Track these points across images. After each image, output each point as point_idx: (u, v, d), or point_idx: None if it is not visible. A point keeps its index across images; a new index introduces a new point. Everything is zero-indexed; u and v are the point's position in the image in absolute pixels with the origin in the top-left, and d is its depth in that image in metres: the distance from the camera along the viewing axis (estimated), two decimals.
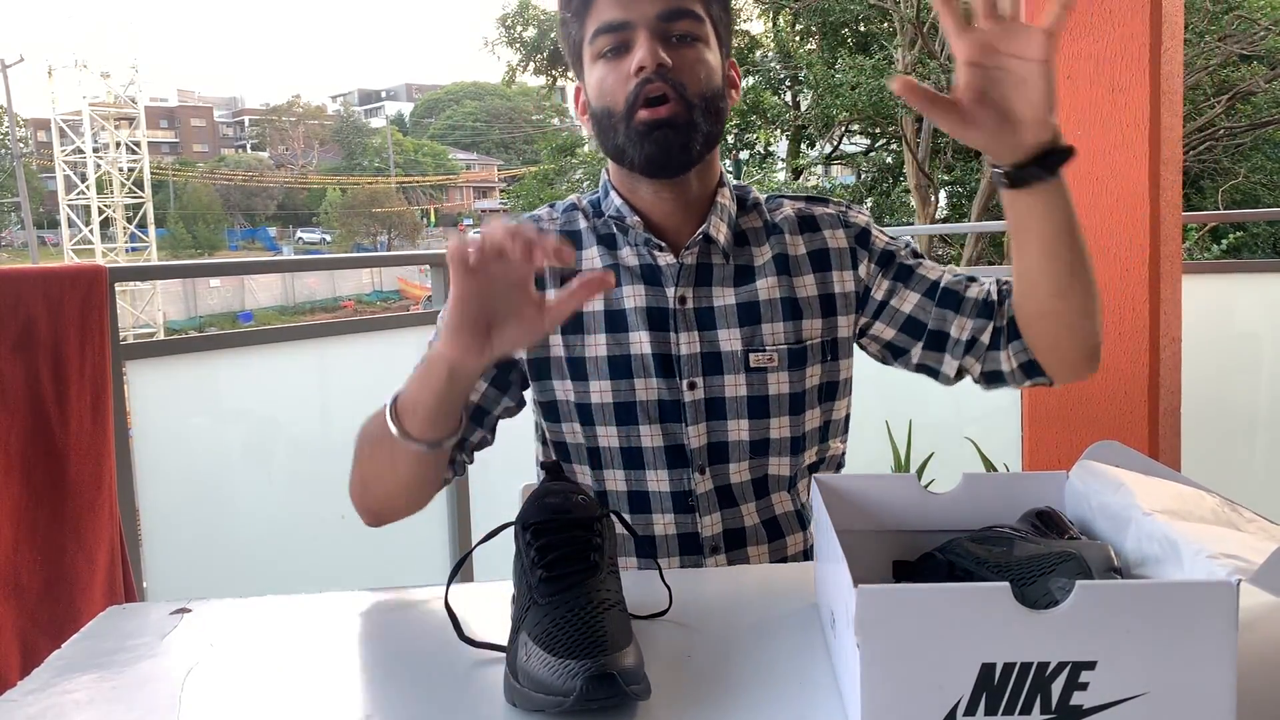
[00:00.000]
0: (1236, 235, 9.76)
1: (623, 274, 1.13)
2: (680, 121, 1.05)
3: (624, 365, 1.11)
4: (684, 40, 1.06)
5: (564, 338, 1.12)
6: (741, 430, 1.11)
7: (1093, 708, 0.61)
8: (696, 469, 1.11)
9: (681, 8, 1.06)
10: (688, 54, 1.06)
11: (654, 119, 1.04)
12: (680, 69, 1.05)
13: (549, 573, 0.77)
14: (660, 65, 1.03)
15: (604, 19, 1.06)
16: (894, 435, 2.92)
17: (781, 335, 1.12)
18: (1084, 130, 2.10)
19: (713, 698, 0.73)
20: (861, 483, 0.90)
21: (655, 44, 1.04)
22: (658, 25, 1.05)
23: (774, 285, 1.13)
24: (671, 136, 1.05)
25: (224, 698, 0.78)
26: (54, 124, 26.33)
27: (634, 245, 1.13)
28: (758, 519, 1.13)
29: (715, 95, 1.08)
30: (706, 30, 1.08)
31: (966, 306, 1.10)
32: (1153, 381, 2.09)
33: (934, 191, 12.58)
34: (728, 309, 1.12)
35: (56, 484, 1.58)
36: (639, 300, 1.11)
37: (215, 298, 31.84)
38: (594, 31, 1.07)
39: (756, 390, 1.11)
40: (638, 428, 1.11)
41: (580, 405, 1.12)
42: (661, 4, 1.05)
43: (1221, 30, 10.07)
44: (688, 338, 1.11)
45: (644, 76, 1.04)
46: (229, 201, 45.30)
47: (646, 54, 1.03)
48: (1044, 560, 0.72)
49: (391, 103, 64.80)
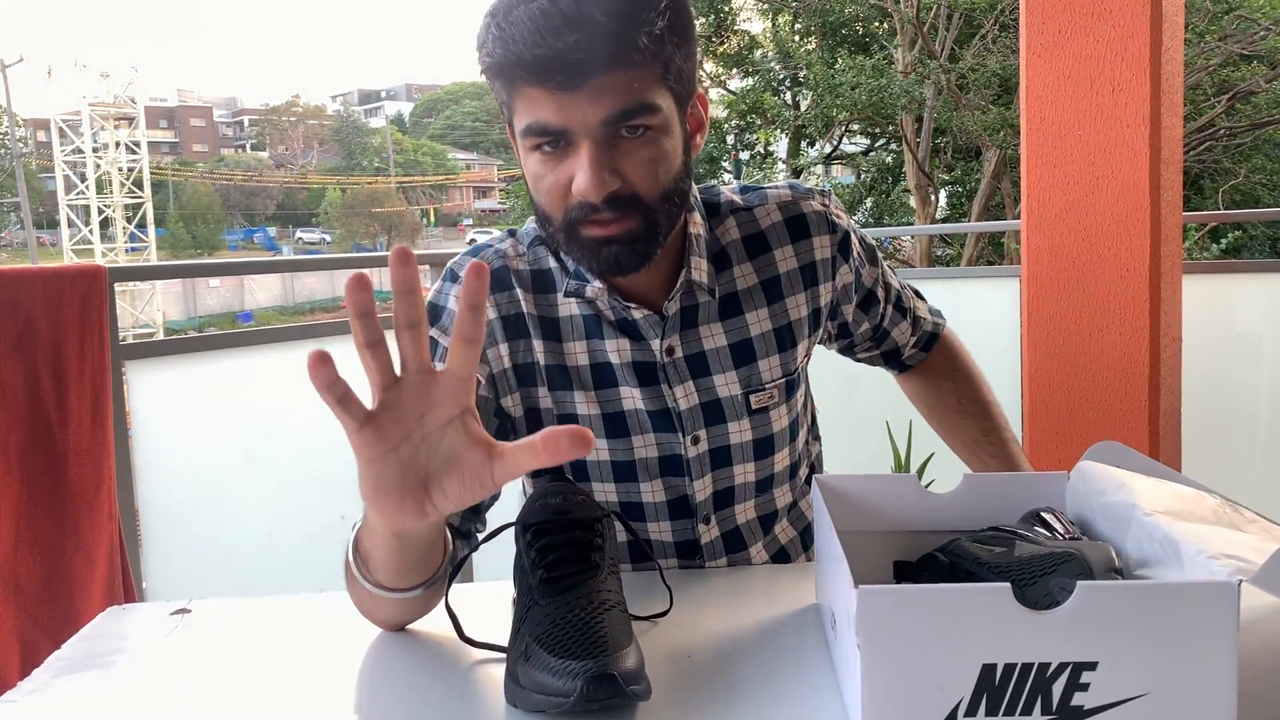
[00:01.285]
0: (1235, 235, 9.76)
1: (603, 326, 1.00)
2: (637, 236, 0.90)
3: (619, 423, 1.02)
4: (635, 132, 0.87)
5: (552, 393, 1.01)
6: (748, 473, 1.07)
7: (1094, 708, 0.61)
8: (701, 519, 1.06)
9: (629, 106, 0.85)
10: (641, 154, 0.88)
11: (605, 236, 0.89)
12: (633, 181, 0.88)
13: (550, 573, 0.77)
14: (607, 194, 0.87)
15: (537, 118, 0.86)
16: (894, 435, 2.92)
17: (779, 369, 1.05)
18: (1084, 130, 2.10)
19: (713, 698, 0.73)
20: (861, 483, 0.90)
21: (600, 166, 0.85)
22: (603, 131, 0.85)
23: (765, 317, 1.04)
24: (624, 251, 0.90)
25: (224, 698, 0.78)
26: (54, 124, 26.34)
27: (602, 298, 1.00)
28: (765, 556, 1.10)
29: (675, 188, 0.92)
30: (663, 115, 0.88)
31: (899, 343, 1.24)
32: (1153, 381, 2.09)
33: (934, 191, 12.58)
34: (720, 351, 1.02)
35: (56, 484, 1.58)
36: (623, 355, 1.00)
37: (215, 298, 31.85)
38: (525, 129, 0.88)
39: (761, 432, 1.06)
40: (637, 484, 1.04)
41: (575, 464, 1.03)
42: (607, 106, 0.84)
43: (1221, 30, 10.07)
44: (683, 390, 1.01)
45: (588, 203, 0.87)
46: (229, 201, 45.32)
47: (588, 184, 0.85)
48: (1045, 561, 0.72)
49: (391, 103, 64.81)
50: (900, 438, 2.91)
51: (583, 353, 1.01)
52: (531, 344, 1.01)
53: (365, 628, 0.90)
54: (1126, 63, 2.04)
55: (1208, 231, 9.66)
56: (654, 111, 0.87)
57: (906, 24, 11.49)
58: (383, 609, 0.86)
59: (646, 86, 0.87)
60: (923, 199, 12.31)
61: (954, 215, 13.17)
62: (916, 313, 1.24)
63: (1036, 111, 2.16)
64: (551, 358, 1.01)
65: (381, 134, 50.56)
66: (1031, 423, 2.26)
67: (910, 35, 11.61)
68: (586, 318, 1.01)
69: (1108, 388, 2.12)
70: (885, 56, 12.30)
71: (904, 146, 12.58)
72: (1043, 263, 2.18)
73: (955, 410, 1.23)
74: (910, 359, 1.26)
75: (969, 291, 3.12)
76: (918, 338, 1.25)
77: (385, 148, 47.82)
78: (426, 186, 46.86)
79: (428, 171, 47.19)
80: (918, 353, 1.26)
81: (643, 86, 0.86)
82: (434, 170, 47.57)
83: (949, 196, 13.46)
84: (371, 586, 0.81)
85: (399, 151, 47.74)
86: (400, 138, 50.30)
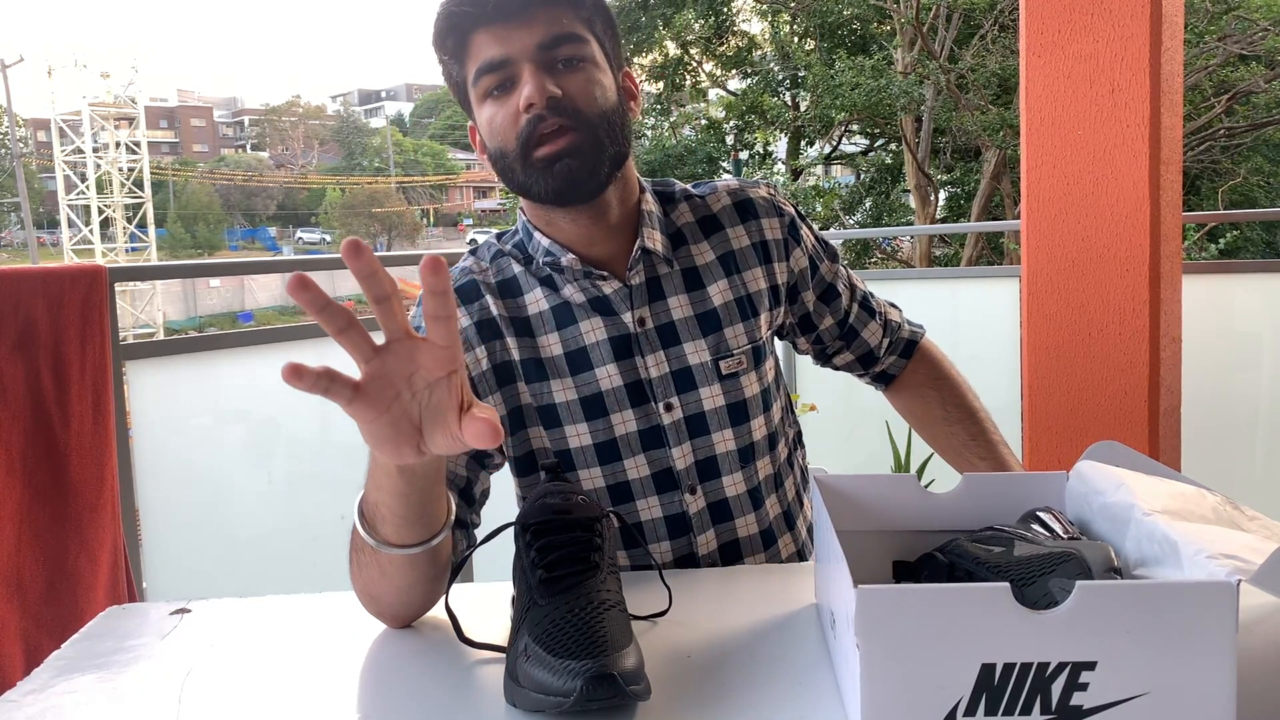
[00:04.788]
0: (1233, 235, 9.76)
1: (575, 311, 1.08)
2: (583, 148, 1.00)
3: (597, 404, 1.07)
4: (570, 65, 1.01)
5: (529, 386, 1.08)
6: (727, 441, 1.10)
7: (1093, 708, 0.61)
8: (686, 489, 1.09)
9: (562, 33, 1.00)
10: (577, 78, 1.01)
11: (554, 152, 0.99)
12: (572, 95, 1.00)
13: (549, 573, 0.77)
14: (550, 98, 0.98)
15: (484, 58, 1.00)
16: (894, 435, 2.92)
17: (744, 336, 1.11)
18: (1084, 130, 2.10)
19: (713, 698, 0.73)
20: (861, 483, 0.90)
21: (541, 77, 0.99)
22: (540, 55, 0.99)
23: (725, 288, 1.11)
24: (575, 166, 1.00)
25: (224, 698, 0.78)
26: (54, 124, 26.34)
27: (575, 281, 1.08)
28: (753, 529, 1.12)
29: (613, 112, 1.03)
30: (592, 50, 1.03)
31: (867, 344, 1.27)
32: (1153, 381, 2.09)
33: (933, 191, 12.58)
34: (688, 320, 1.10)
35: (58, 484, 1.58)
36: (599, 333, 1.07)
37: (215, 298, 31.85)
38: (476, 72, 1.01)
39: (733, 397, 1.10)
40: (621, 463, 1.08)
41: (559, 452, 1.08)
42: (540, 33, 0.99)
43: (1221, 30, 10.07)
44: (654, 359, 1.08)
45: (535, 114, 0.98)
46: (229, 201, 45.31)
47: (533, 90, 0.98)
48: (1044, 560, 0.72)
49: (391, 103, 64.83)
50: (900, 438, 2.91)
51: (556, 343, 1.08)
52: (506, 343, 1.07)
53: (365, 628, 0.90)
54: (1126, 63, 2.04)
55: (1206, 232, 9.66)
56: (583, 42, 1.02)
57: (906, 24, 11.49)
58: (390, 578, 0.85)
59: (575, 21, 1.02)
60: (922, 199, 12.31)
61: (953, 215, 13.17)
62: (888, 316, 1.28)
63: (1036, 111, 2.16)
64: (526, 352, 1.08)
65: (381, 134, 50.55)
66: (1031, 422, 2.26)
67: (910, 35, 11.61)
68: (556, 308, 1.08)
69: (1107, 388, 2.12)
70: (884, 57, 12.30)
71: (903, 147, 12.58)
72: (1043, 263, 2.18)
73: (941, 419, 1.26)
74: (890, 367, 1.29)
75: (969, 291, 3.13)
76: (893, 342, 1.28)
77: (385, 148, 47.82)
78: (426, 186, 46.85)
79: (428, 171, 47.18)
80: (897, 360, 1.29)
81: (571, 23, 1.01)
82: (434, 170, 47.56)
83: (948, 197, 13.46)
84: (378, 544, 0.83)
85: (399, 151, 47.73)
86: (400, 138, 50.28)
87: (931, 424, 1.28)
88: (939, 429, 1.27)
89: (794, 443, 1.23)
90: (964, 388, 1.28)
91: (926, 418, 1.28)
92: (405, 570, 0.85)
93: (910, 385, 1.30)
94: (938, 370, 1.29)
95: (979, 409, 1.26)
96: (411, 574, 0.85)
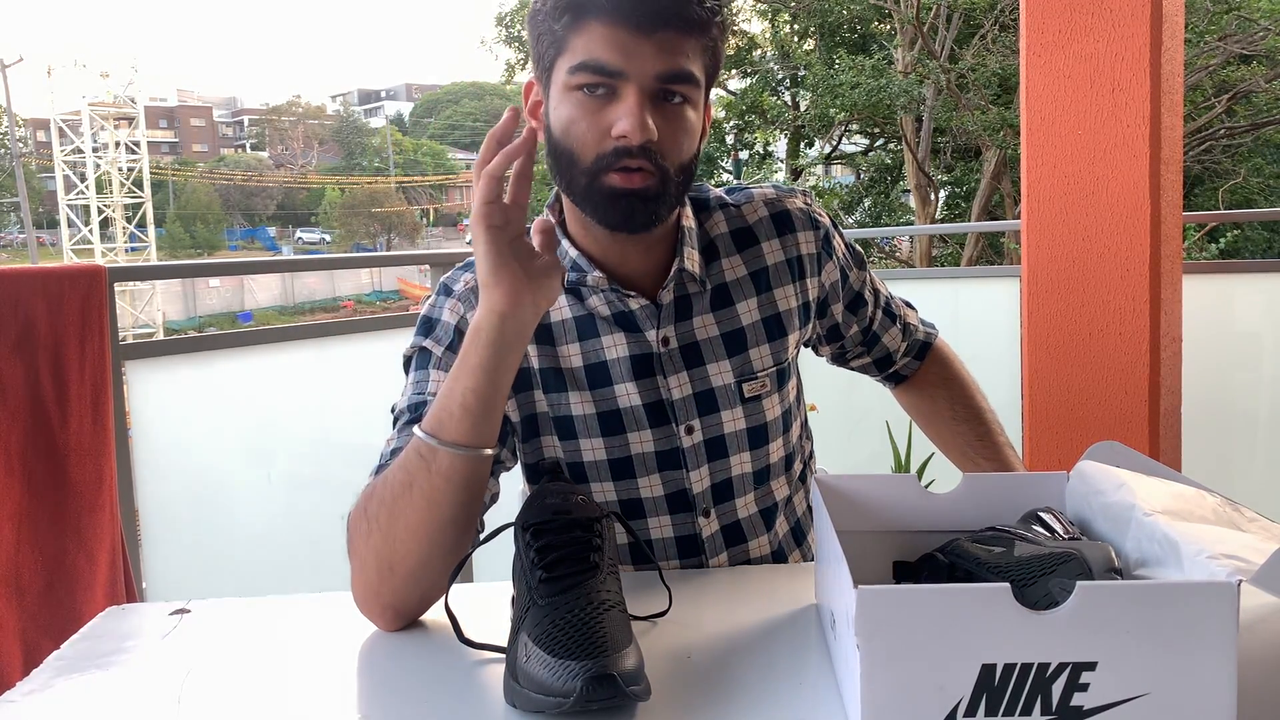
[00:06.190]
0: (1234, 235, 9.76)
1: (599, 324, 1.04)
2: (653, 193, 0.95)
3: (614, 421, 1.04)
4: (672, 101, 0.94)
5: (546, 395, 1.05)
6: (744, 463, 1.08)
7: (1093, 708, 0.61)
8: (701, 513, 1.07)
9: (683, 70, 0.93)
10: (674, 122, 0.95)
11: (627, 189, 0.94)
12: (664, 141, 0.94)
13: (549, 574, 0.77)
14: (646, 140, 0.92)
15: (595, 56, 0.91)
16: (894, 435, 2.92)
17: (769, 358, 1.09)
18: (1084, 130, 2.10)
19: (713, 698, 0.73)
20: (861, 483, 0.90)
21: (644, 113, 0.91)
22: (653, 85, 0.92)
23: (754, 307, 1.08)
24: (640, 207, 0.95)
25: (224, 698, 0.78)
26: (53, 124, 26.34)
27: (600, 292, 1.04)
28: (765, 550, 1.11)
29: (691, 160, 0.98)
30: (698, 93, 0.96)
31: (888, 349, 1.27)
32: (1153, 381, 2.09)
33: (933, 191, 12.59)
34: (713, 341, 1.06)
35: (57, 484, 1.58)
36: (620, 349, 1.04)
37: (215, 298, 31.85)
38: (579, 65, 0.92)
39: (754, 420, 1.08)
40: (635, 480, 1.05)
41: (572, 464, 1.06)
42: (661, 62, 0.92)
43: (1221, 30, 10.06)
44: (677, 380, 1.05)
45: (624, 146, 0.92)
46: (228, 201, 45.29)
47: (635, 125, 0.91)
48: (1044, 561, 0.72)
49: (391, 102, 64.80)
50: (900, 438, 2.91)
51: (577, 355, 1.04)
52: (526, 350, 1.02)
53: (365, 628, 0.90)
54: (1126, 63, 2.04)
55: (1206, 232, 9.67)
56: (694, 84, 0.95)
57: (906, 24, 11.49)
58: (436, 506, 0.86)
59: (695, 58, 0.95)
60: (922, 199, 12.32)
61: (953, 215, 13.17)
62: (906, 320, 1.27)
63: (1036, 111, 2.16)
64: (546, 361, 1.05)
65: (381, 134, 50.56)
66: (1031, 422, 2.26)
67: (910, 35, 11.61)
68: (580, 319, 1.05)
69: (1108, 387, 2.12)
70: (885, 57, 12.30)
71: (903, 146, 12.58)
72: (1043, 263, 2.18)
73: (949, 418, 1.26)
74: (904, 368, 1.29)
75: (969, 291, 3.12)
76: (909, 344, 1.27)
77: (385, 148, 47.83)
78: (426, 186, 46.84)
79: (427, 171, 47.16)
80: (910, 361, 1.29)
81: (694, 57, 0.94)
82: (434, 170, 47.54)
83: (948, 197, 13.47)
84: (450, 446, 0.85)
85: (399, 151, 47.74)
86: (400, 138, 50.29)
87: (938, 423, 1.28)
88: (945, 428, 1.26)
89: (808, 459, 1.21)
90: (973, 389, 1.28)
91: (934, 417, 1.28)
92: (458, 491, 0.86)
93: (920, 384, 1.30)
94: (948, 371, 1.29)
95: (986, 410, 1.25)
96: (462, 497, 0.86)
